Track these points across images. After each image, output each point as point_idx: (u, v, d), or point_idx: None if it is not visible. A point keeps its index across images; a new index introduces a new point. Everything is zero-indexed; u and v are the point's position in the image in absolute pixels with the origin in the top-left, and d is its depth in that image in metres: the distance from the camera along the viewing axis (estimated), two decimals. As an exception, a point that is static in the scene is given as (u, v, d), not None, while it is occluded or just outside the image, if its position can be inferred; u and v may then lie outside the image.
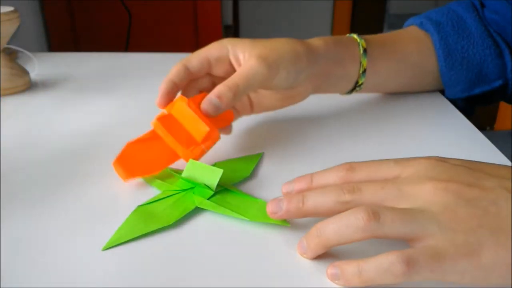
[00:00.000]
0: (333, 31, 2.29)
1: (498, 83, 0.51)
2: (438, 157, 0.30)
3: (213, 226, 0.31)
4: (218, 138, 0.38)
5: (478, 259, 0.24)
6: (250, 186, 0.36)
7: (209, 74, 0.44)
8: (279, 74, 0.40)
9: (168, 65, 0.47)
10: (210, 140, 0.37)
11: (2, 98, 0.56)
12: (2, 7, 0.56)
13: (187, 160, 0.36)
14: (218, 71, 0.43)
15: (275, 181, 0.37)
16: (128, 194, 0.35)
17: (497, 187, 0.26)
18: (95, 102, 0.55)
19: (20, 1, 1.14)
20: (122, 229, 0.31)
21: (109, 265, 0.28)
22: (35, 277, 0.27)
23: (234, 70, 0.42)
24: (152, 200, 0.34)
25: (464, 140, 0.44)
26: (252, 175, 0.38)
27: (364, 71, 0.48)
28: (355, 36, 0.49)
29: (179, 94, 0.42)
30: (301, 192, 0.30)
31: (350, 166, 0.31)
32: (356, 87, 0.49)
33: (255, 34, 2.29)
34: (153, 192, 0.35)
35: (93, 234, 0.30)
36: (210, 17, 1.32)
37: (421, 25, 0.53)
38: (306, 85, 0.45)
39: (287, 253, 0.29)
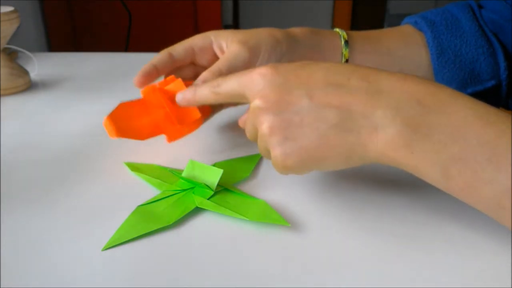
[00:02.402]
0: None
1: (491, 83, 0.51)
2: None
3: (213, 226, 0.31)
4: (200, 124, 0.41)
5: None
6: (250, 186, 0.36)
7: (192, 64, 0.45)
8: (260, 57, 0.42)
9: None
10: (195, 125, 0.39)
11: (2, 98, 0.56)
12: (2, 7, 0.56)
13: (168, 136, 0.38)
14: (201, 60, 0.44)
15: (275, 181, 0.37)
16: (128, 194, 0.35)
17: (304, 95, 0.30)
18: (95, 102, 0.55)
19: (20, 1, 1.14)
20: (122, 229, 0.31)
21: (109, 265, 0.28)
22: (35, 277, 0.27)
23: (217, 59, 0.43)
24: (152, 200, 0.34)
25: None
26: (252, 175, 0.38)
27: (346, 61, 0.49)
28: (337, 29, 0.50)
29: (160, 79, 0.42)
30: None
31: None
32: None
33: (255, 34, 2.28)
34: (153, 192, 0.35)
35: (93, 234, 0.30)
36: (210, 17, 1.32)
37: (415, 24, 0.53)
38: None
39: (287, 253, 0.29)
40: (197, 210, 0.33)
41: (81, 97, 0.56)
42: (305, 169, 0.31)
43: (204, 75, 0.39)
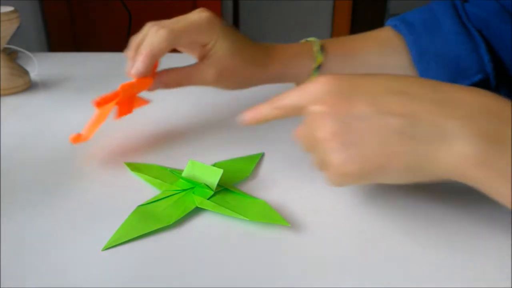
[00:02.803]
0: (333, 31, 2.29)
1: (478, 77, 0.50)
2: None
3: (213, 226, 0.31)
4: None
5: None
6: (250, 186, 0.36)
7: None
8: (226, 87, 0.47)
9: (168, 65, 0.47)
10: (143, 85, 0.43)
11: (2, 98, 0.56)
12: (2, 7, 0.56)
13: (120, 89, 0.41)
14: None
15: (275, 181, 0.37)
16: (128, 194, 0.35)
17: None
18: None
19: (20, 1, 1.14)
20: (122, 229, 0.31)
21: (109, 265, 0.28)
22: (35, 277, 0.27)
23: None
24: (152, 200, 0.34)
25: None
26: (252, 175, 0.38)
27: (319, 67, 0.50)
28: (315, 48, 0.50)
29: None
30: None
31: None
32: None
33: (255, 34, 2.29)
34: (153, 192, 0.35)
35: (93, 234, 0.30)
36: (210, 17, 1.32)
37: (395, 27, 0.53)
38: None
39: (287, 253, 0.29)
40: (197, 210, 0.33)
41: (81, 97, 0.56)
42: (364, 178, 0.30)
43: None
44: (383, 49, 0.52)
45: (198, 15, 0.45)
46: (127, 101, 0.43)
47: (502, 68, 0.50)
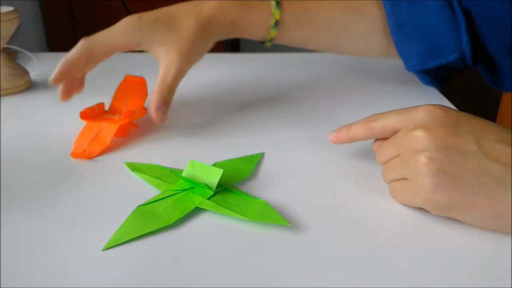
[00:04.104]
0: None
1: (454, 56, 0.49)
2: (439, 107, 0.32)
3: (213, 226, 0.31)
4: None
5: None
6: (250, 186, 0.36)
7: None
8: (195, 60, 0.47)
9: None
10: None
11: (2, 98, 0.56)
12: (2, 7, 0.56)
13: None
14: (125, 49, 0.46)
15: (275, 181, 0.37)
16: (128, 194, 0.35)
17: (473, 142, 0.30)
18: (95, 102, 0.55)
19: (20, 1, 1.14)
20: (122, 229, 0.31)
21: (109, 265, 0.28)
22: (35, 277, 0.27)
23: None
24: (152, 200, 0.34)
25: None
26: (252, 175, 0.38)
27: (272, 39, 0.50)
28: (272, 3, 0.50)
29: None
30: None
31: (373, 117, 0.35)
32: (268, 40, 0.52)
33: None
34: (153, 192, 0.35)
35: (93, 234, 0.30)
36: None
37: None
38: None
39: (287, 253, 0.29)
40: (197, 210, 0.33)
41: (81, 97, 0.56)
42: (448, 210, 0.30)
43: (161, 97, 0.43)
44: (351, 16, 0.52)
45: (120, 22, 0.45)
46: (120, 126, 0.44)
47: (481, 45, 0.49)
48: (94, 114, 0.45)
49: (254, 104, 0.54)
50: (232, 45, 1.71)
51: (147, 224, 0.31)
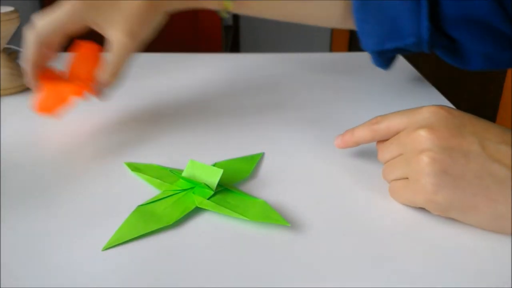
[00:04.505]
0: (333, 30, 2.29)
1: (411, 40, 0.49)
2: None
3: (213, 226, 0.31)
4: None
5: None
6: (250, 186, 0.36)
7: None
8: (144, 37, 0.46)
9: (168, 65, 0.47)
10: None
11: (2, 98, 0.56)
12: (2, 7, 0.56)
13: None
14: (75, 33, 0.45)
15: (275, 181, 0.37)
16: (128, 194, 0.35)
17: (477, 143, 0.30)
18: (95, 102, 0.55)
19: (20, 1, 1.14)
20: (122, 229, 0.31)
21: (109, 265, 0.28)
22: (35, 277, 0.27)
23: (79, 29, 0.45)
24: (152, 200, 0.34)
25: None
26: (252, 175, 0.38)
27: (227, 11, 0.50)
28: None
29: None
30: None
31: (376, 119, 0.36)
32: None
33: (255, 34, 2.29)
34: (153, 192, 0.35)
35: (93, 234, 0.30)
36: (210, 17, 1.32)
37: None
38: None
39: (287, 253, 0.29)
40: (197, 210, 0.33)
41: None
42: (448, 210, 0.30)
43: (103, 78, 0.43)
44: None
45: (66, 5, 0.44)
46: (55, 94, 0.44)
47: (440, 25, 0.48)
48: (54, 76, 0.46)
49: (254, 104, 0.54)
50: (232, 45, 1.72)
51: (147, 224, 0.31)
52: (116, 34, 0.43)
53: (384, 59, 0.54)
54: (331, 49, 2.24)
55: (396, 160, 0.33)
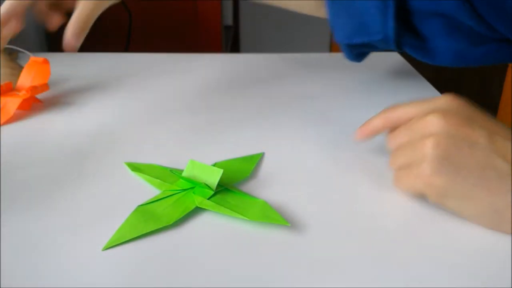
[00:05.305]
0: (333, 31, 2.28)
1: (378, 37, 0.50)
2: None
3: (213, 226, 0.31)
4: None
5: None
6: (250, 186, 0.36)
7: None
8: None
9: (168, 65, 0.47)
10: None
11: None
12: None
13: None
14: None
15: (275, 181, 0.37)
16: (128, 194, 0.35)
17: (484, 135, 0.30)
18: (95, 102, 0.55)
19: (20, 1, 1.14)
20: (122, 229, 0.31)
21: (109, 265, 0.28)
22: (35, 277, 0.27)
23: None
24: (152, 200, 0.34)
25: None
26: (252, 175, 0.38)
27: None
28: None
29: None
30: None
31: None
32: None
33: (255, 34, 2.29)
34: (153, 192, 0.35)
35: (93, 234, 0.30)
36: (210, 17, 1.32)
37: None
38: None
39: (287, 253, 0.29)
40: (197, 210, 0.33)
41: (81, 97, 0.56)
42: (445, 196, 0.30)
43: (71, 30, 0.48)
44: None
45: None
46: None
47: (408, 20, 0.49)
48: (1, 90, 0.51)
49: (254, 104, 0.54)
50: (232, 45, 1.72)
51: (147, 224, 0.31)
52: None
53: (355, 53, 0.55)
54: (331, 49, 2.24)
55: (403, 146, 0.33)
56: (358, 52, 0.55)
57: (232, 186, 0.35)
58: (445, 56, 0.50)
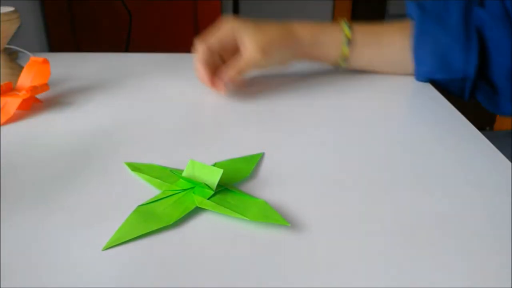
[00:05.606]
0: (333, 31, 2.29)
1: (459, 75, 0.55)
2: None
3: (213, 226, 0.31)
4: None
5: None
6: (250, 186, 0.36)
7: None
8: (271, 60, 0.55)
9: (168, 65, 0.47)
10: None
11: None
12: (2, 7, 0.56)
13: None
14: (228, 46, 0.55)
15: (275, 181, 0.37)
16: (128, 194, 0.35)
17: None
18: (95, 102, 0.55)
19: (20, 1, 1.14)
20: (122, 229, 0.31)
21: (109, 265, 0.28)
22: (35, 277, 0.27)
23: (236, 46, 0.55)
24: (152, 200, 0.34)
25: (464, 141, 0.44)
26: (252, 175, 0.38)
27: (345, 58, 0.58)
28: (344, 24, 0.57)
29: None
30: None
31: None
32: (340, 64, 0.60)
33: (255, 34, 2.28)
34: (153, 192, 0.35)
35: (93, 234, 0.30)
36: (210, 17, 1.32)
37: (409, 9, 0.58)
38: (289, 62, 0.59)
39: (287, 253, 0.29)
40: (197, 210, 0.33)
41: (81, 97, 0.56)
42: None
43: (229, 73, 0.53)
44: (406, 34, 0.58)
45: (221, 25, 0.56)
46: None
47: (485, 72, 0.55)
48: (1, 90, 0.51)
49: (254, 104, 0.54)
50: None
51: (147, 224, 0.31)
52: (251, 47, 0.53)
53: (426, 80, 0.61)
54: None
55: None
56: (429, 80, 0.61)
57: (232, 186, 0.35)
58: (507, 106, 0.56)
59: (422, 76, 0.59)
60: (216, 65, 0.55)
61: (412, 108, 0.52)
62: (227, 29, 0.54)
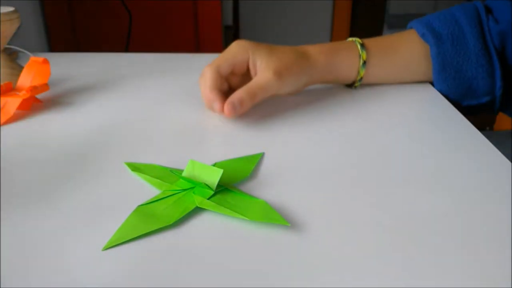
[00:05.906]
0: (333, 31, 2.29)
1: (486, 99, 0.55)
2: None
3: (213, 226, 0.31)
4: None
5: None
6: (250, 186, 0.36)
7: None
8: (286, 85, 0.51)
9: (168, 65, 0.47)
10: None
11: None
12: (2, 7, 0.56)
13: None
14: (238, 70, 0.52)
15: (275, 181, 0.37)
16: (128, 194, 0.35)
17: None
18: (95, 102, 0.55)
19: (20, 1, 1.14)
20: (122, 229, 0.31)
21: (109, 265, 0.28)
22: (35, 277, 0.27)
23: (248, 71, 0.52)
24: (152, 200, 0.34)
25: (464, 140, 0.44)
26: (252, 175, 0.38)
27: (361, 78, 0.57)
28: (358, 44, 0.55)
29: None
30: None
31: None
32: (353, 85, 0.58)
33: (255, 34, 2.29)
34: (153, 192, 0.35)
35: (93, 234, 0.30)
36: (210, 17, 1.32)
37: (423, 36, 0.56)
38: (303, 86, 0.55)
39: (287, 253, 0.29)
40: (197, 210, 0.33)
41: (81, 97, 0.56)
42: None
43: (242, 95, 0.47)
44: (419, 55, 0.57)
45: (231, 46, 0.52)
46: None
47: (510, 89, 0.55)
48: (1, 90, 0.51)
49: (254, 103, 0.53)
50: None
51: (147, 224, 0.31)
52: (266, 71, 0.50)
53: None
54: (331, 49, 2.23)
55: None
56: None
57: (232, 186, 0.35)
58: None
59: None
60: (224, 91, 0.51)
61: (412, 108, 0.52)
62: (239, 52, 0.51)
